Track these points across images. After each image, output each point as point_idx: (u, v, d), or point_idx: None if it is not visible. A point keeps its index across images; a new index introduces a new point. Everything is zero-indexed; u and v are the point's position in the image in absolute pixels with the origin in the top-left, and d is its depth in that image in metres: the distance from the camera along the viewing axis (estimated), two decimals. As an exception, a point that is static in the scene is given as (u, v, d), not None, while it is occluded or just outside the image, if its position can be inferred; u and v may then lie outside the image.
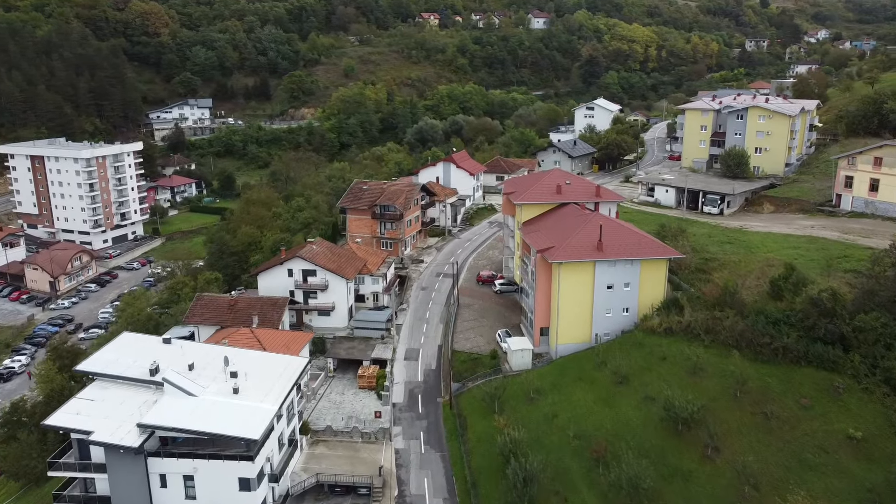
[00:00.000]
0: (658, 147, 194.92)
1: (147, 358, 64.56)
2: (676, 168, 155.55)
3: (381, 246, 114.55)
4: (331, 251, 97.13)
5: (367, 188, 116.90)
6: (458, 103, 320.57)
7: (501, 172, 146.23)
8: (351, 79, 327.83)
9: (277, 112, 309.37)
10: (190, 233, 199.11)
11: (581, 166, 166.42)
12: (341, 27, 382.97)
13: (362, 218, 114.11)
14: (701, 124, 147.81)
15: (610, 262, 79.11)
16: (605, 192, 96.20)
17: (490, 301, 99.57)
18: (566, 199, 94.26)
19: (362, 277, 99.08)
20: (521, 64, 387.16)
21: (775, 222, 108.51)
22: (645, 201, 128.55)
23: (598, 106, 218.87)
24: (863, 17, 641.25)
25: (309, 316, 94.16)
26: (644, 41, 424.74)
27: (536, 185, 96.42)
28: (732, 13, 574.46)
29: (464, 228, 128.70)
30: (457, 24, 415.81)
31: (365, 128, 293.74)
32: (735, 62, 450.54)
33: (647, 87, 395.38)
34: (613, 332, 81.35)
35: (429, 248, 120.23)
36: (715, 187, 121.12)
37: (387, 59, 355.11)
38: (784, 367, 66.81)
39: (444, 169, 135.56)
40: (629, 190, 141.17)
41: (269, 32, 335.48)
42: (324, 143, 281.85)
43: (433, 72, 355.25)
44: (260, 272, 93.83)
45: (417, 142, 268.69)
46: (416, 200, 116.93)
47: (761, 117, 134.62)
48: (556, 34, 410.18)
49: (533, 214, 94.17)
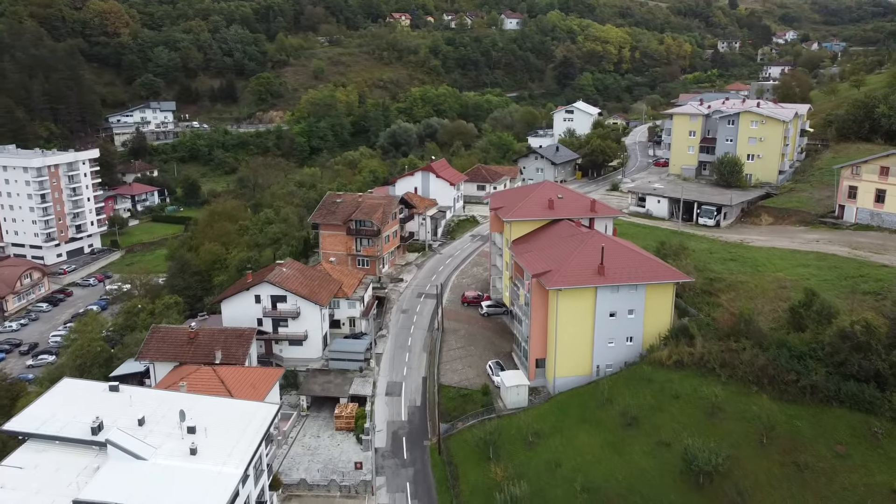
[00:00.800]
0: (641, 152, 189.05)
1: (90, 411, 55.40)
2: (664, 175, 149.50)
3: (356, 264, 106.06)
4: (302, 274, 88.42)
5: (340, 201, 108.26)
6: (432, 106, 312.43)
7: (482, 181, 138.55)
8: (321, 80, 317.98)
9: (244, 115, 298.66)
10: (152, 244, 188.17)
11: (564, 173, 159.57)
12: (310, 27, 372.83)
13: (336, 234, 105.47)
14: (689, 129, 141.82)
15: (612, 288, 71.83)
16: (600, 206, 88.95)
17: (477, 325, 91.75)
18: (559, 215, 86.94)
19: (337, 301, 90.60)
20: (494, 65, 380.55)
21: (777, 236, 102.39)
22: (635, 212, 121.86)
23: (577, 109, 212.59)
24: (828, 18, 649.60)
25: (279, 346, 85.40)
26: (617, 42, 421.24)
27: (526, 199, 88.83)
28: (702, 14, 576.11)
29: (445, 242, 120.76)
30: (429, 25, 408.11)
31: (336, 131, 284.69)
32: (708, 63, 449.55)
33: (621, 88, 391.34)
34: (616, 364, 74.12)
35: (408, 265, 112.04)
36: (710, 198, 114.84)
37: (357, 60, 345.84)
38: (813, 408, 60.03)
39: (423, 179, 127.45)
40: (617, 199, 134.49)
41: (236, 32, 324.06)
42: (293, 148, 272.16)
43: (405, 73, 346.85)
44: (223, 299, 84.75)
45: (391, 146, 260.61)
46: (394, 214, 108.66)
47: (754, 123, 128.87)
48: (530, 35, 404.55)
49: (523, 232, 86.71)
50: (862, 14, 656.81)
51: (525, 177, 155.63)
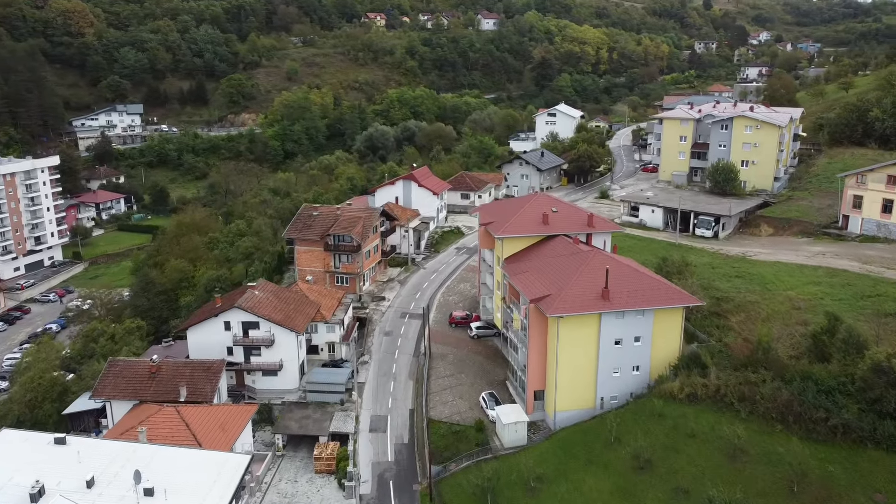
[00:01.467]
0: (626, 156, 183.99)
1: (31, 470, 48.01)
2: (654, 181, 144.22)
3: (335, 282, 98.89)
4: (277, 297, 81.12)
5: (317, 214, 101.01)
6: (409, 108, 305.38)
7: (467, 189, 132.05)
8: (294, 82, 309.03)
9: (215, 118, 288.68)
10: (117, 256, 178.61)
11: (550, 180, 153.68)
12: (283, 27, 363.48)
13: (313, 250, 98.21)
14: (680, 134, 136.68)
15: (618, 314, 65.68)
16: (597, 220, 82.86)
17: (466, 348, 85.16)
18: (554, 231, 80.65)
19: (315, 325, 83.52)
20: (472, 66, 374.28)
21: (779, 248, 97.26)
22: (628, 222, 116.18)
23: (560, 112, 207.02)
24: (800, 19, 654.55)
25: (252, 377, 78.09)
26: (595, 43, 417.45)
27: (519, 214, 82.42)
28: (677, 15, 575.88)
29: (429, 256, 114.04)
30: (404, 25, 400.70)
31: (311, 135, 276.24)
32: (685, 64, 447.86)
33: (600, 89, 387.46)
34: (622, 396, 68.02)
35: (391, 281, 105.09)
36: (707, 207, 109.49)
37: (332, 61, 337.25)
38: (846, 450, 54.40)
39: (405, 188, 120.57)
40: (608, 208, 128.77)
41: (206, 33, 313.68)
42: (267, 152, 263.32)
43: (382, 75, 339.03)
44: (189, 327, 77.16)
45: (368, 150, 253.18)
46: (375, 228, 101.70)
47: (748, 128, 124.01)
48: (507, 35, 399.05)
49: (516, 249, 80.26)
50: (833, 15, 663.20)
51: (510, 183, 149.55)
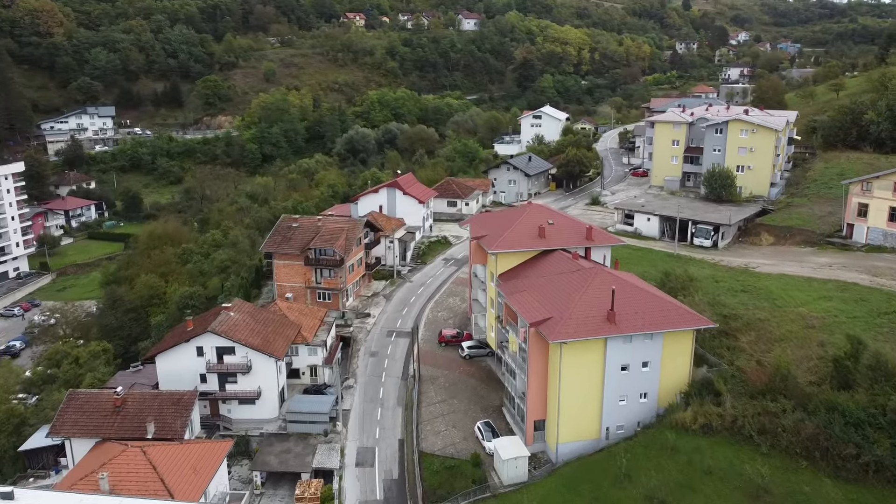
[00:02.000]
0: (614, 159, 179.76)
1: (-29, 533, 42.03)
2: (645, 187, 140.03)
3: (317, 298, 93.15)
4: (254, 318, 75.23)
5: (297, 226, 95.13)
6: (390, 109, 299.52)
7: (453, 197, 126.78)
8: (272, 83, 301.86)
9: (191, 120, 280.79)
10: (87, 266, 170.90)
11: (538, 185, 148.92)
12: (260, 27, 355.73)
13: (293, 264, 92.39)
14: (672, 138, 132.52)
15: (625, 338, 60.78)
16: (597, 233, 77.99)
17: (458, 370, 79.83)
18: (552, 245, 75.69)
19: (296, 347, 77.79)
20: (453, 67, 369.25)
21: (783, 259, 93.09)
22: (622, 230, 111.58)
23: (545, 114, 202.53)
24: (778, 19, 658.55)
25: (227, 405, 72.19)
26: (577, 43, 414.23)
27: (513, 227, 77.30)
28: (657, 15, 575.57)
29: (415, 268, 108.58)
30: (384, 25, 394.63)
31: (289, 137, 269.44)
32: (667, 65, 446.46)
33: (582, 90, 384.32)
34: (629, 425, 63.14)
35: (375, 296, 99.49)
36: (705, 215, 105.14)
37: (311, 61, 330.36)
38: (880, 491, 49.88)
39: (389, 196, 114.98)
40: (599, 215, 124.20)
41: (180, 33, 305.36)
42: (244, 155, 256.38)
43: (361, 76, 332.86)
44: (158, 353, 71.07)
45: (348, 153, 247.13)
46: (359, 240, 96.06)
47: (743, 132, 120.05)
48: (488, 36, 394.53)
49: (511, 264, 75.24)
50: (809, 16, 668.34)
51: (497, 189, 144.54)
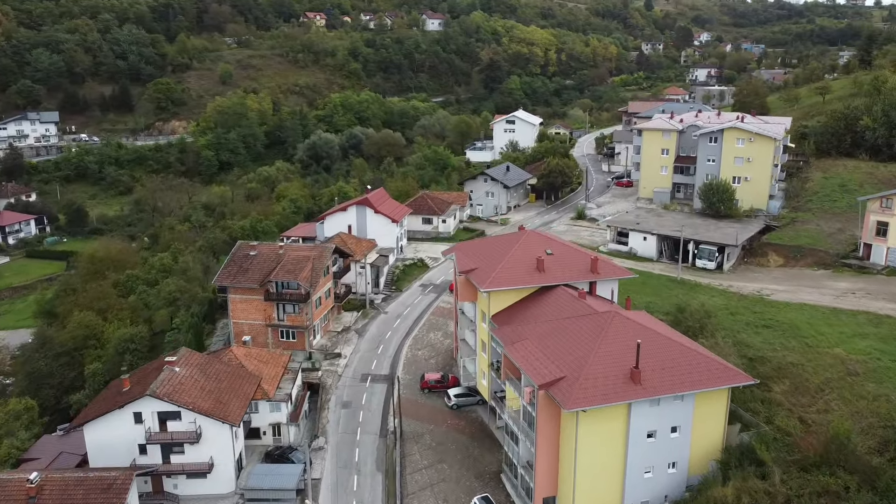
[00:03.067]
0: (593, 167, 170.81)
1: None
2: (632, 198, 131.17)
3: (279, 337, 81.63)
4: (204, 373, 63.42)
5: (255, 255, 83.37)
6: (354, 113, 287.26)
7: (429, 213, 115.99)
8: (229, 86, 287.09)
9: (141, 126, 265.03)
10: (24, 288, 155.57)
11: (517, 197, 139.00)
12: (216, 27, 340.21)
13: (251, 299, 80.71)
14: (662, 147, 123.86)
15: (652, 401, 50.87)
16: (603, 264, 68.07)
17: (445, 423, 69.25)
18: (552, 280, 65.58)
19: (256, 404, 66.29)
20: (418, 68, 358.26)
21: (798, 284, 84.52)
22: (615, 250, 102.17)
23: (519, 119, 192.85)
24: (737, 20, 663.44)
25: (173, 480, 60.38)
26: (543, 44, 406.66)
27: (507, 259, 66.92)
28: (620, 16, 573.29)
29: (390, 296, 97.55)
30: (346, 25, 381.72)
31: (248, 143, 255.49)
32: (634, 65, 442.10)
33: (550, 91, 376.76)
34: (655, 500, 53.26)
35: (346, 330, 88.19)
36: (708, 234, 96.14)
37: (270, 63, 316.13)
38: None
39: (358, 214, 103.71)
40: (587, 231, 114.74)
41: (129, 32, 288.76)
42: (199, 163, 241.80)
43: (323, 78, 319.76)
44: (87, 422, 58.85)
45: (311, 159, 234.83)
46: (327, 269, 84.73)
47: (740, 140, 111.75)
48: (453, 36, 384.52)
49: (506, 303, 64.96)
50: (768, 16, 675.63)
51: (473, 201, 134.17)
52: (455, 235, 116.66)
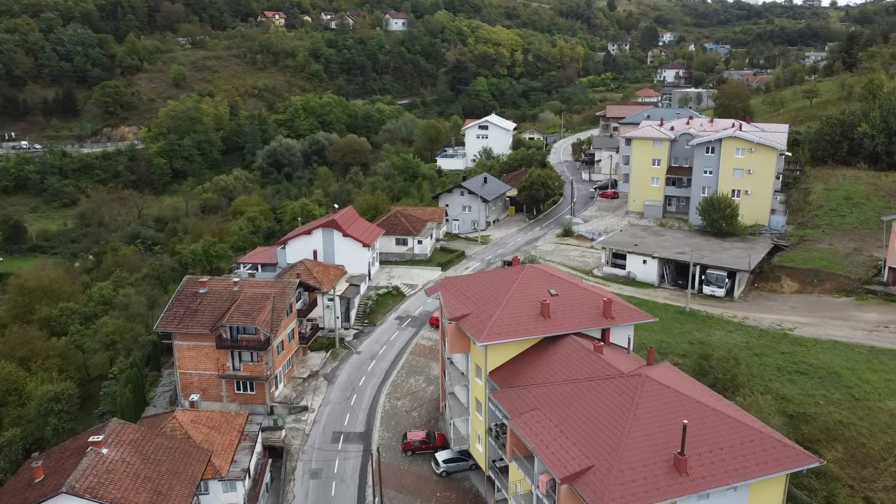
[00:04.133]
0: (572, 175, 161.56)
1: None
2: (621, 212, 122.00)
3: (234, 389, 70.02)
4: (139, 452, 51.59)
5: (205, 292, 71.56)
6: (316, 117, 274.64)
7: (403, 233, 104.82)
8: (182, 89, 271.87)
9: (88, 132, 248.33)
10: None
11: (496, 211, 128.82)
12: (168, 27, 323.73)
13: (201, 346, 68.92)
14: (653, 157, 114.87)
15: (700, 496, 40.88)
16: (617, 307, 58.00)
17: (434, 496, 58.48)
18: (559, 328, 55.31)
19: (206, 483, 54.74)
20: (382, 70, 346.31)
21: (820, 314, 75.83)
22: (611, 275, 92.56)
23: (492, 124, 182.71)
24: (699, 20, 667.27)
25: (100, 592, 48.47)
26: (510, 44, 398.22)
27: (505, 302, 56.40)
28: (584, 16, 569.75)
29: (362, 331, 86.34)
30: (306, 25, 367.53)
31: (203, 150, 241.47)
32: (601, 66, 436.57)
33: (517, 93, 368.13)
34: None
35: (313, 376, 76.80)
36: (713, 256, 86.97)
37: (226, 64, 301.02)
38: None
39: (325, 238, 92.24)
40: (577, 250, 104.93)
41: (75, 32, 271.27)
42: (151, 171, 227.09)
43: (283, 80, 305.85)
44: (-15, 529, 46.75)
45: (271, 167, 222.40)
46: (290, 307, 73.31)
47: (740, 151, 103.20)
48: (418, 37, 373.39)
49: (506, 357, 54.59)
50: (728, 17, 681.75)
51: (449, 216, 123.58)
52: (432, 257, 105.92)
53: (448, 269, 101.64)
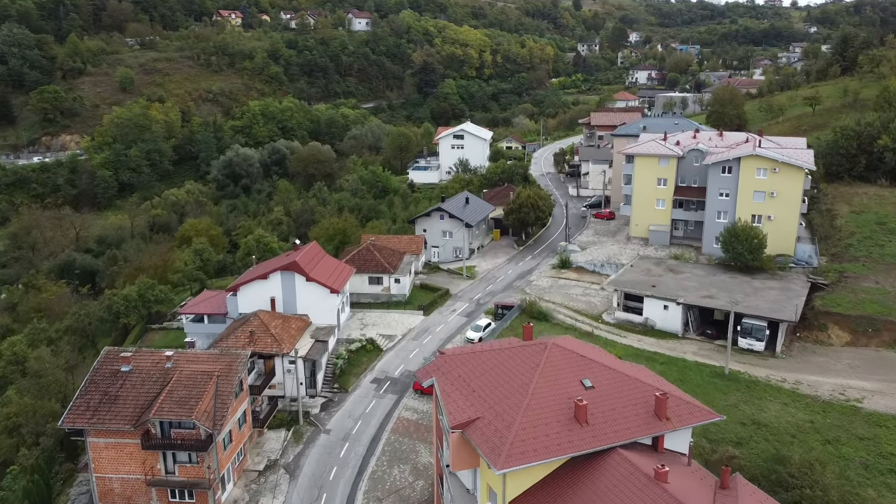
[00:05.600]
0: (557, 189, 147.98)
1: None
2: (621, 237, 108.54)
3: (169, 497, 54.36)
4: None
5: (129, 371, 55.76)
6: (276, 123, 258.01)
7: (377, 271, 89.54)
8: (130, 94, 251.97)
9: (25, 141, 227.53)
10: None
11: (480, 235, 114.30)
12: (115, 26, 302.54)
13: (122, 444, 53.18)
14: (658, 177, 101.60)
15: None
16: (674, 404, 43.97)
17: None
18: (599, 440, 41.07)
19: None
20: (346, 72, 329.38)
21: (887, 377, 62.90)
22: (625, 321, 78.78)
23: (467, 133, 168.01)
24: (663, 20, 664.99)
25: None
26: (478, 45, 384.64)
27: (525, 402, 41.96)
28: (550, 15, 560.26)
29: (331, 399, 70.99)
30: (264, 25, 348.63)
31: (153, 160, 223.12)
32: (571, 67, 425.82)
33: (487, 96, 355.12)
34: None
35: (271, 467, 61.34)
36: (747, 301, 73.63)
37: (178, 67, 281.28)
38: None
39: (285, 283, 76.70)
40: (579, 288, 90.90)
41: (10, 32, 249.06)
42: (95, 185, 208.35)
43: (240, 83, 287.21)
44: None
45: (227, 178, 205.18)
46: (239, 385, 57.80)
47: (761, 171, 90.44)
48: (383, 37, 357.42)
49: (530, 481, 40.23)
50: (692, 16, 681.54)
51: (429, 242, 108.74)
52: (412, 297, 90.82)
53: (431, 311, 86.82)
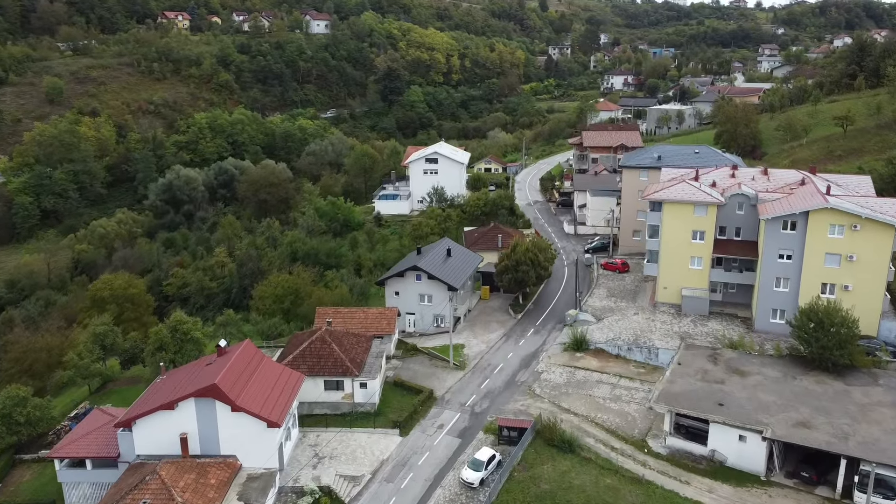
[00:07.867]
0: (550, 225, 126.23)
1: None
2: (644, 300, 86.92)
3: None
4: None
5: None
6: (225, 137, 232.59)
7: (336, 372, 65.95)
8: (59, 106, 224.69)
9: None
10: None
11: (466, 296, 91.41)
12: (46, 30, 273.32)
13: None
14: (694, 229, 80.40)
15: None
16: None
17: None
18: None
19: None
20: (303, 79, 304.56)
21: None
22: (682, 452, 57.05)
23: (442, 156, 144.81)
24: (630, 21, 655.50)
25: None
26: (444, 49, 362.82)
27: None
28: (517, 17, 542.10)
29: None
30: (214, 27, 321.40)
31: (82, 183, 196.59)
32: (542, 72, 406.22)
33: (456, 103, 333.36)
34: None
35: None
36: (863, 431, 52.49)
37: (116, 75, 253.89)
38: None
39: (200, 414, 53.06)
40: (606, 386, 68.76)
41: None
42: (12, 213, 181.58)
43: (186, 92, 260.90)
44: None
45: (167, 204, 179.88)
46: None
47: (836, 228, 69.75)
48: (343, 41, 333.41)
49: None
50: (659, 18, 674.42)
51: (402, 309, 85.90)
52: (383, 406, 67.35)
53: (410, 429, 63.82)
